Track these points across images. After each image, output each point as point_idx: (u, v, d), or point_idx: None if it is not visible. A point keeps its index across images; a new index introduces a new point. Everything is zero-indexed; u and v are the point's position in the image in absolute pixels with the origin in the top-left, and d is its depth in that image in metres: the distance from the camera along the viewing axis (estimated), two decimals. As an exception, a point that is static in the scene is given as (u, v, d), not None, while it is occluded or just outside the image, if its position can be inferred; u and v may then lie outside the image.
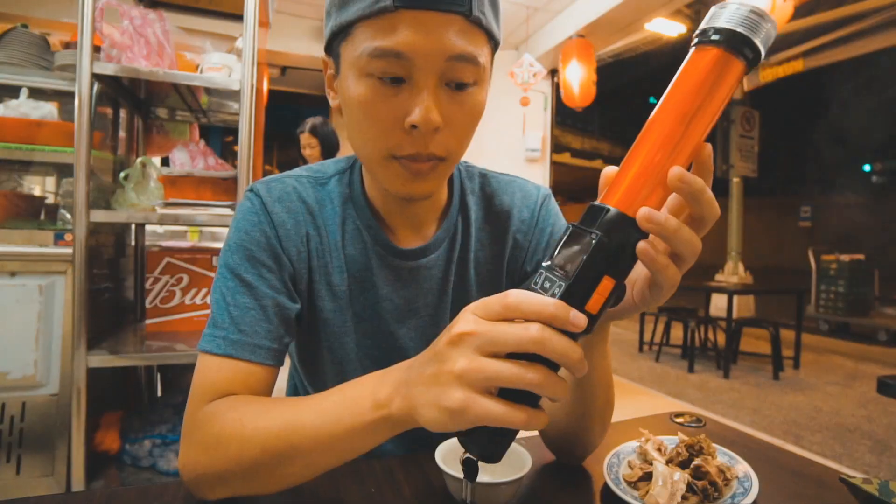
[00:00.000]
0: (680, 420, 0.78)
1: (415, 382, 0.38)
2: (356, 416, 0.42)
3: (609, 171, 0.37)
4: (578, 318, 0.31)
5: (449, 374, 0.35)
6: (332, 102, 0.59)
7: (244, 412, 0.48)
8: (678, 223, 0.33)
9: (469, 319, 0.35)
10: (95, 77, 1.27)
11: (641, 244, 0.33)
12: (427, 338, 0.63)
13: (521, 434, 0.72)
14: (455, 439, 0.57)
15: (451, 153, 0.54)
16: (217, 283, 0.57)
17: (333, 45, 0.54)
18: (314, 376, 0.69)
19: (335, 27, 0.52)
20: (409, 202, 0.61)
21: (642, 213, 0.32)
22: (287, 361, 0.75)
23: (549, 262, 0.33)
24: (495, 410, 0.33)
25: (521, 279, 0.69)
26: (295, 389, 0.77)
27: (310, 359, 0.68)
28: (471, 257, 0.67)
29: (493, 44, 0.55)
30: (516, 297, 0.33)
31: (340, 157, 0.70)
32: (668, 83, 0.34)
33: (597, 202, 0.34)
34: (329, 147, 2.91)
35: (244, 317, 0.55)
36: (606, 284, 0.32)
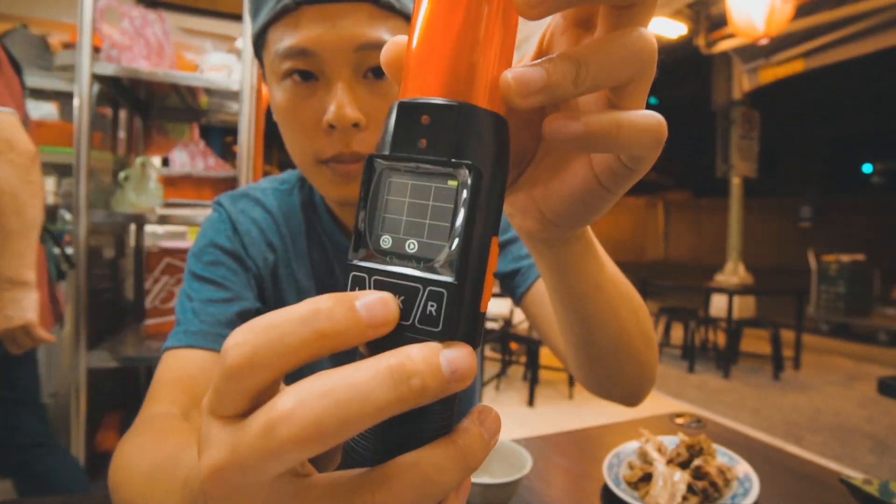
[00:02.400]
0: (680, 420, 0.78)
1: None
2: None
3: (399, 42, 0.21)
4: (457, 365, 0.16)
5: None
6: (273, 113, 0.56)
7: (142, 442, 0.41)
8: (583, 51, 0.19)
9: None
10: (95, 77, 1.27)
11: (550, 124, 0.19)
12: None
13: (522, 434, 0.72)
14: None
15: None
16: (181, 290, 0.57)
17: (258, 54, 0.53)
18: None
19: (253, 38, 0.52)
20: (351, 213, 0.59)
21: (509, 79, 0.18)
22: None
23: (372, 234, 0.19)
24: None
25: None
26: None
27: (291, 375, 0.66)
28: None
29: None
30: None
31: None
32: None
33: (419, 98, 0.18)
34: None
35: (206, 309, 0.54)
36: (494, 250, 0.18)
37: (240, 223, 0.61)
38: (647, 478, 0.55)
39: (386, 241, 0.18)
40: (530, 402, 3.28)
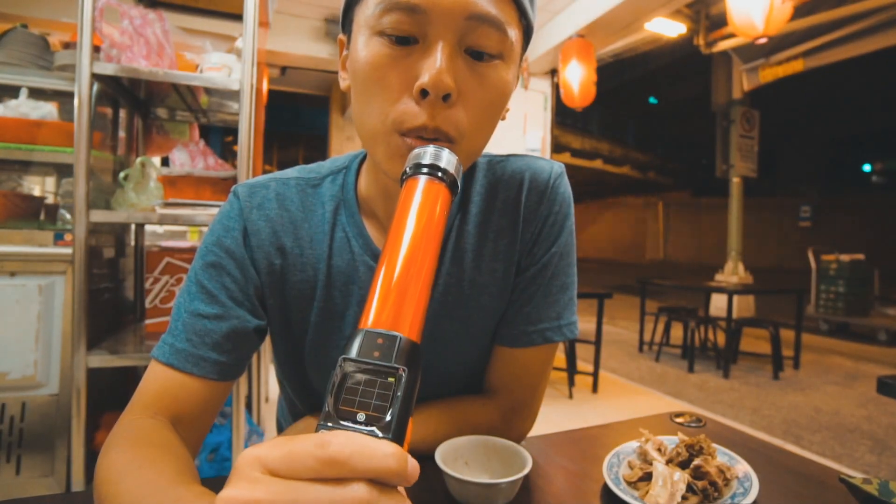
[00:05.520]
0: (680, 420, 0.78)
1: None
2: None
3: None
4: (415, 470, 0.25)
5: None
6: (343, 84, 0.53)
7: (127, 461, 0.43)
8: None
9: (254, 479, 0.24)
10: (95, 77, 1.27)
11: None
12: None
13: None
14: (457, 439, 0.56)
15: (463, 136, 0.46)
16: (182, 288, 0.56)
17: (348, 15, 0.50)
18: (301, 394, 0.66)
19: None
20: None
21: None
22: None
23: (335, 408, 0.27)
24: None
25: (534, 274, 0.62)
26: (293, 403, 0.71)
27: (295, 377, 0.65)
28: (467, 258, 0.60)
29: (525, 25, 0.49)
30: (342, 444, 0.23)
31: (339, 156, 0.65)
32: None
33: (377, 329, 0.29)
34: None
35: (196, 325, 0.53)
36: (410, 427, 0.27)
37: (251, 222, 0.57)
38: (646, 477, 0.55)
39: (344, 414, 0.26)
40: (530, 402, 3.28)
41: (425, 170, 0.37)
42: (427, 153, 0.39)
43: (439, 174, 0.37)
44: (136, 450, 0.44)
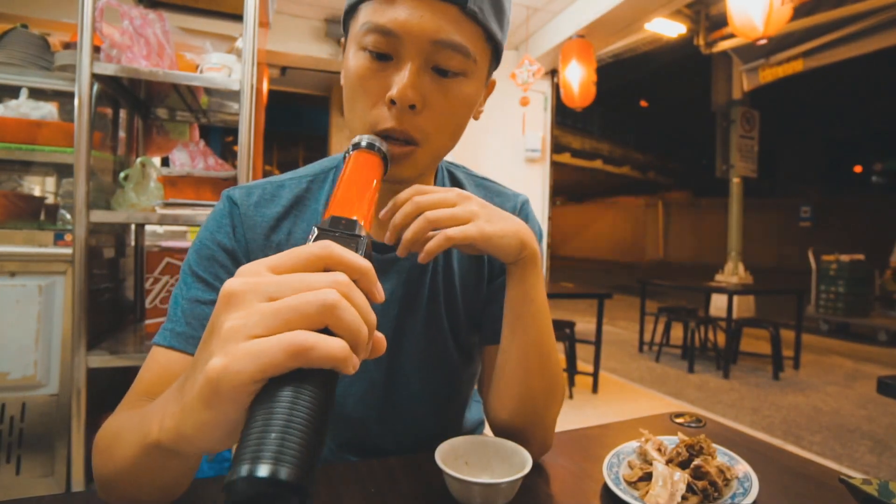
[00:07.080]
0: (680, 420, 0.78)
1: (179, 387, 0.31)
2: (144, 438, 0.35)
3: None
4: (380, 291, 0.31)
5: (216, 338, 0.27)
6: (342, 82, 0.62)
7: (123, 419, 0.44)
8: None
9: (256, 272, 0.28)
10: (95, 77, 1.27)
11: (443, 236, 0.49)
12: (403, 329, 0.64)
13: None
14: (457, 438, 0.56)
15: (428, 138, 0.54)
16: (178, 283, 0.58)
17: (346, 23, 0.58)
18: None
19: (347, 6, 0.56)
20: (388, 189, 0.58)
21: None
22: None
23: None
24: (276, 344, 0.25)
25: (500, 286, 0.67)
26: None
27: None
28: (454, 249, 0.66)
29: (492, 45, 0.56)
30: (329, 244, 0.30)
31: (327, 158, 0.70)
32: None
33: (342, 216, 0.37)
34: None
35: (194, 310, 0.55)
36: None
37: (247, 217, 0.61)
38: (646, 477, 0.55)
39: None
40: (530, 402, 3.28)
41: (362, 146, 0.48)
42: (362, 139, 0.49)
43: (365, 145, 0.48)
44: (134, 411, 0.45)
